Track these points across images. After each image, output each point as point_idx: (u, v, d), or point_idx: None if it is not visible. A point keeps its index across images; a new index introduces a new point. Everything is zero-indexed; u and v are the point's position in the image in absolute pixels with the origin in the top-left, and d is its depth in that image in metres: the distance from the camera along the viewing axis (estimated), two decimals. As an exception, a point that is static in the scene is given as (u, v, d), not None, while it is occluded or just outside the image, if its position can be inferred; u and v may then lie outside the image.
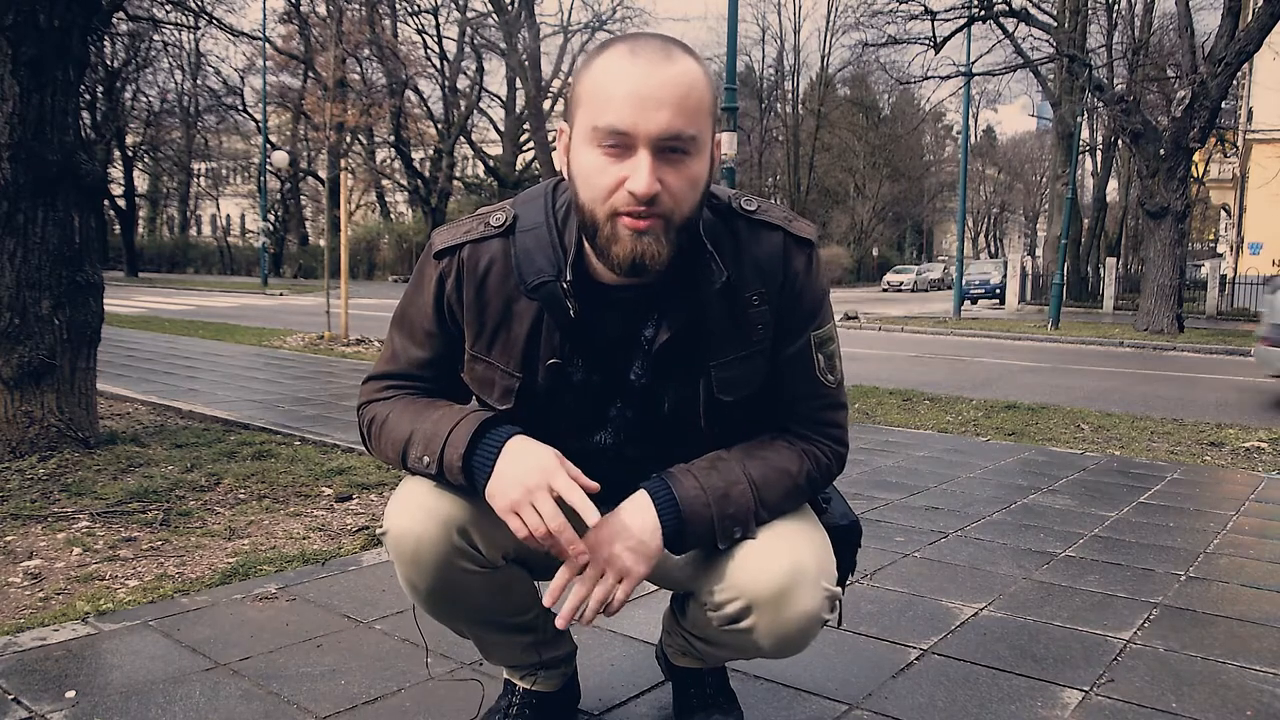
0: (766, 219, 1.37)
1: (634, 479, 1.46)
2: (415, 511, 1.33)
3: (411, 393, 1.42)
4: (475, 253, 1.36)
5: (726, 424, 1.40)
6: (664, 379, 1.37)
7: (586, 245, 1.28)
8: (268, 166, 30.62)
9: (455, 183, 39.12)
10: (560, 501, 1.24)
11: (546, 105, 34.64)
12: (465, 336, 1.39)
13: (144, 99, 34.50)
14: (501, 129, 38.74)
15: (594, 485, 1.25)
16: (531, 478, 1.24)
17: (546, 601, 1.28)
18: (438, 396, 1.42)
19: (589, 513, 1.23)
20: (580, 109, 1.22)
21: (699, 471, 1.33)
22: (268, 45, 29.73)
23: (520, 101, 36.28)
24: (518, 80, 34.78)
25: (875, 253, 51.79)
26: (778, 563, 1.31)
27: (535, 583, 1.56)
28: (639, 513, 1.30)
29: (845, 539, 1.48)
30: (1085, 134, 30.86)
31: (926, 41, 17.87)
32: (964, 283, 22.55)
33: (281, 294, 23.63)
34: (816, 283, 1.39)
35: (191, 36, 34.72)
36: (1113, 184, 37.30)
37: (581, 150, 1.22)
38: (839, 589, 1.37)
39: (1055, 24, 20.17)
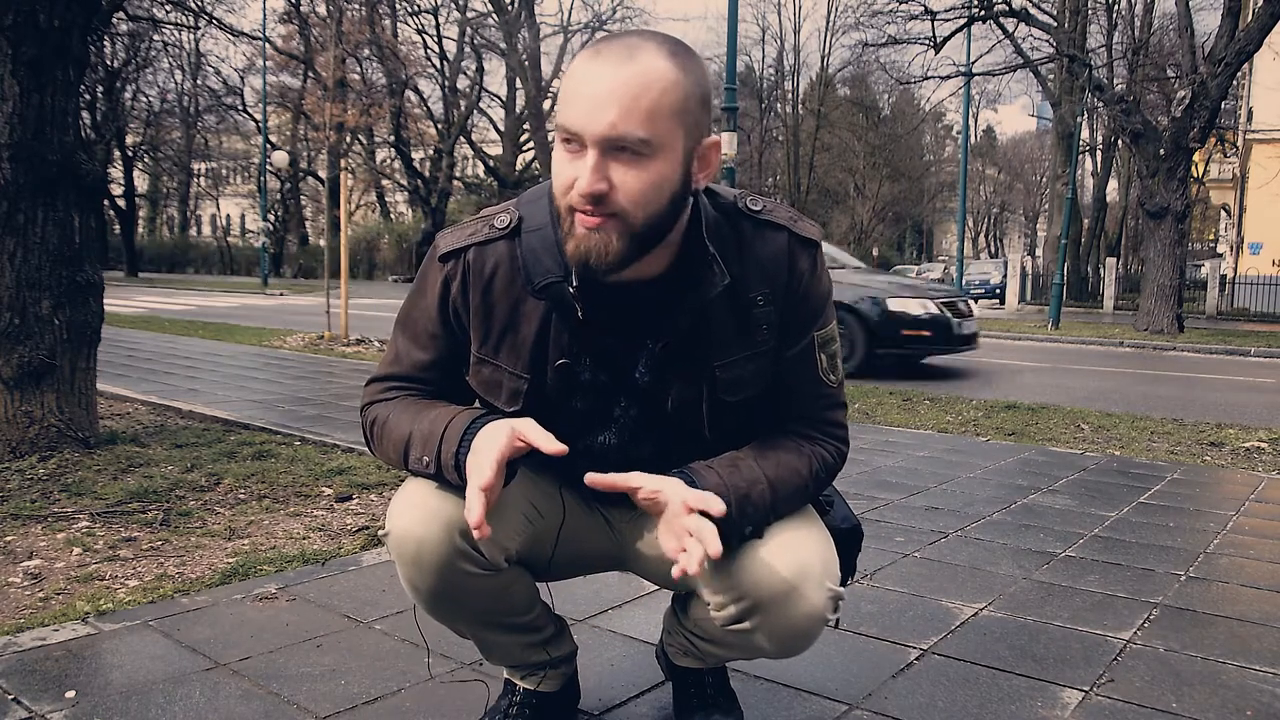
0: (772, 219, 1.37)
1: None
2: (417, 513, 1.32)
3: (413, 394, 1.42)
4: (481, 255, 1.36)
5: (729, 424, 1.40)
6: (667, 378, 1.37)
7: None
8: (268, 166, 30.62)
9: (455, 183, 39.10)
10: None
11: (546, 105, 34.62)
12: (471, 340, 1.39)
13: (144, 99, 34.51)
14: (501, 129, 38.73)
15: (558, 447, 1.23)
16: (471, 459, 1.24)
17: (675, 573, 1.20)
18: (440, 398, 1.42)
19: (549, 445, 1.22)
20: (558, 106, 1.25)
21: (721, 469, 1.32)
22: (268, 45, 29.73)
23: (520, 101, 36.29)
24: (518, 80, 34.80)
25: (875, 253, 51.72)
26: (783, 563, 1.31)
27: (536, 584, 1.56)
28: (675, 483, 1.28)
29: (846, 543, 1.48)
30: (1085, 134, 30.87)
31: (926, 41, 17.89)
32: (964, 283, 22.55)
33: (281, 294, 23.63)
34: (820, 283, 1.40)
35: (191, 36, 34.72)
36: (1113, 184, 37.31)
37: (556, 146, 1.25)
38: (842, 589, 1.37)
39: (1055, 24, 20.17)
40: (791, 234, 1.37)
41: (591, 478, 1.23)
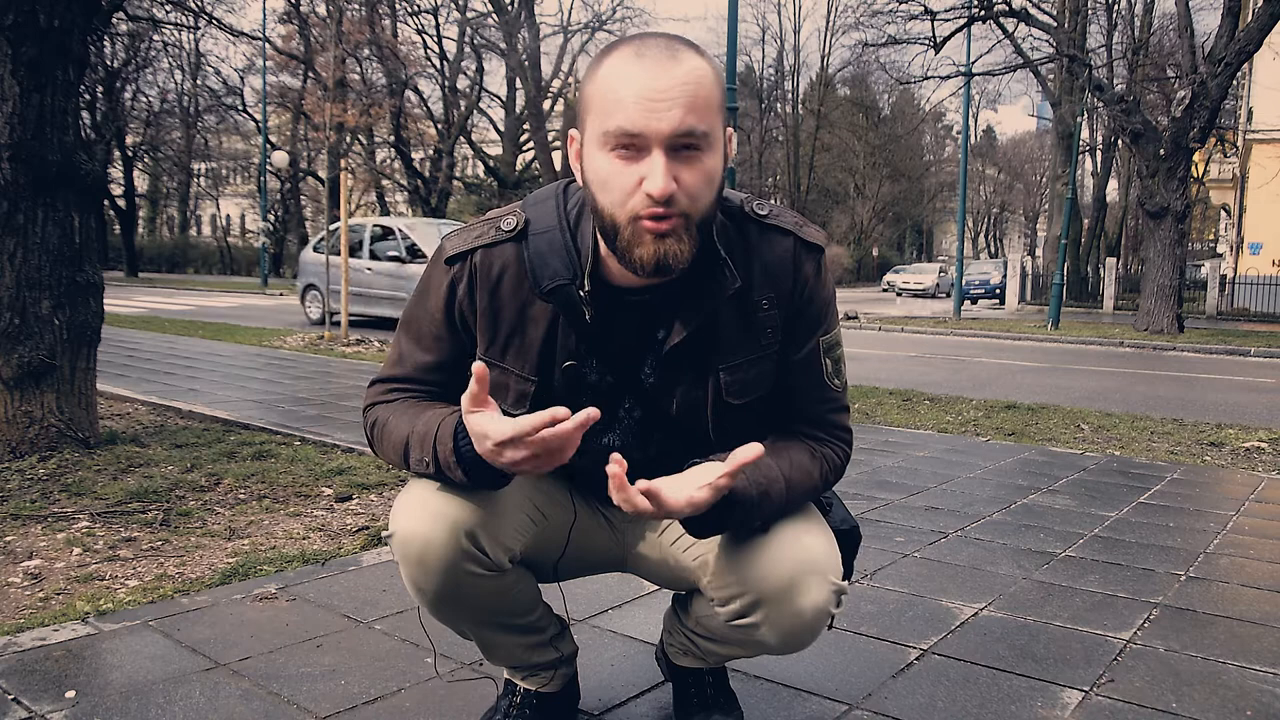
0: (778, 224, 1.38)
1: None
2: (422, 514, 1.32)
3: (415, 396, 1.42)
4: (487, 258, 1.36)
5: (733, 426, 1.40)
6: (673, 380, 1.38)
7: (605, 248, 1.28)
8: (268, 166, 30.60)
9: (455, 183, 39.08)
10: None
11: (546, 105, 34.61)
12: (477, 342, 1.39)
13: (144, 99, 34.45)
14: (501, 129, 38.71)
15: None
16: (481, 442, 1.22)
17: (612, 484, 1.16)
18: (442, 400, 1.41)
19: (559, 412, 1.15)
20: (590, 114, 1.22)
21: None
22: (268, 45, 29.70)
23: (520, 101, 36.25)
24: (518, 80, 34.74)
25: (875, 253, 51.79)
26: (786, 558, 1.32)
27: (539, 585, 1.56)
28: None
29: (845, 544, 1.48)
30: (1085, 134, 30.87)
31: (926, 41, 17.88)
32: (964, 283, 22.55)
33: (281, 294, 23.61)
34: (825, 288, 1.41)
35: (191, 36, 34.72)
36: (1113, 184, 37.33)
37: (595, 155, 1.22)
38: (845, 583, 1.37)
39: (1055, 24, 20.15)
40: (797, 239, 1.38)
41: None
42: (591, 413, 1.14)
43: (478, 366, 1.19)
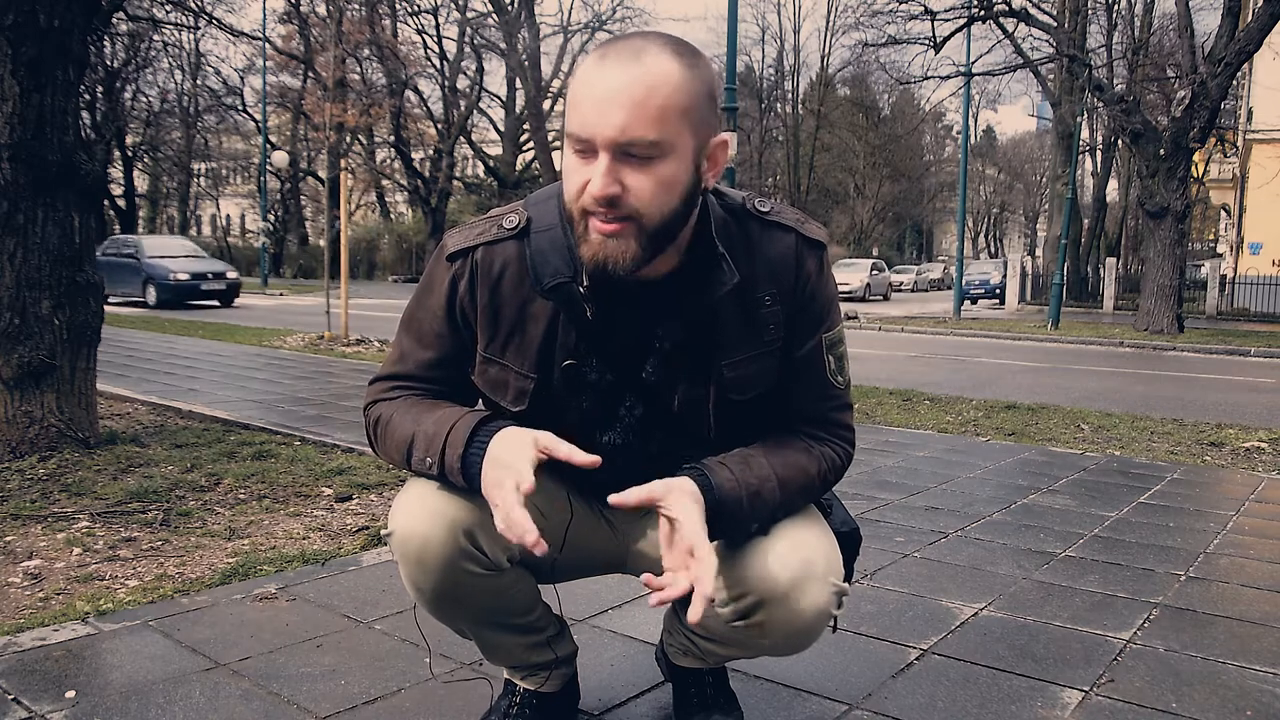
0: (779, 220, 1.38)
1: (642, 481, 1.46)
2: (421, 513, 1.33)
3: (417, 394, 1.42)
4: (489, 255, 1.37)
5: (736, 423, 1.40)
6: (675, 377, 1.38)
7: None
8: (268, 166, 30.61)
9: (455, 183, 39.10)
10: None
11: (546, 105, 34.62)
12: (478, 339, 1.40)
13: (144, 99, 34.43)
14: (501, 129, 38.75)
15: (589, 459, 1.22)
16: (494, 470, 1.23)
17: (653, 601, 1.20)
18: (444, 398, 1.42)
19: (579, 457, 1.21)
20: (566, 112, 1.24)
21: (734, 465, 1.32)
22: (268, 45, 29.72)
23: (520, 101, 36.27)
24: (518, 80, 34.77)
25: (875, 253, 51.77)
26: (787, 559, 1.32)
27: (538, 585, 1.56)
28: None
29: (845, 546, 1.48)
30: (1085, 134, 30.85)
31: (926, 41, 17.88)
32: (964, 282, 22.55)
33: (281, 294, 23.62)
34: (827, 285, 1.41)
35: (191, 36, 34.70)
36: (1113, 184, 37.32)
37: (565, 152, 1.24)
38: (846, 584, 1.37)
39: (1055, 24, 20.15)
40: (799, 235, 1.38)
41: (616, 499, 1.22)
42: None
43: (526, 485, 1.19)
